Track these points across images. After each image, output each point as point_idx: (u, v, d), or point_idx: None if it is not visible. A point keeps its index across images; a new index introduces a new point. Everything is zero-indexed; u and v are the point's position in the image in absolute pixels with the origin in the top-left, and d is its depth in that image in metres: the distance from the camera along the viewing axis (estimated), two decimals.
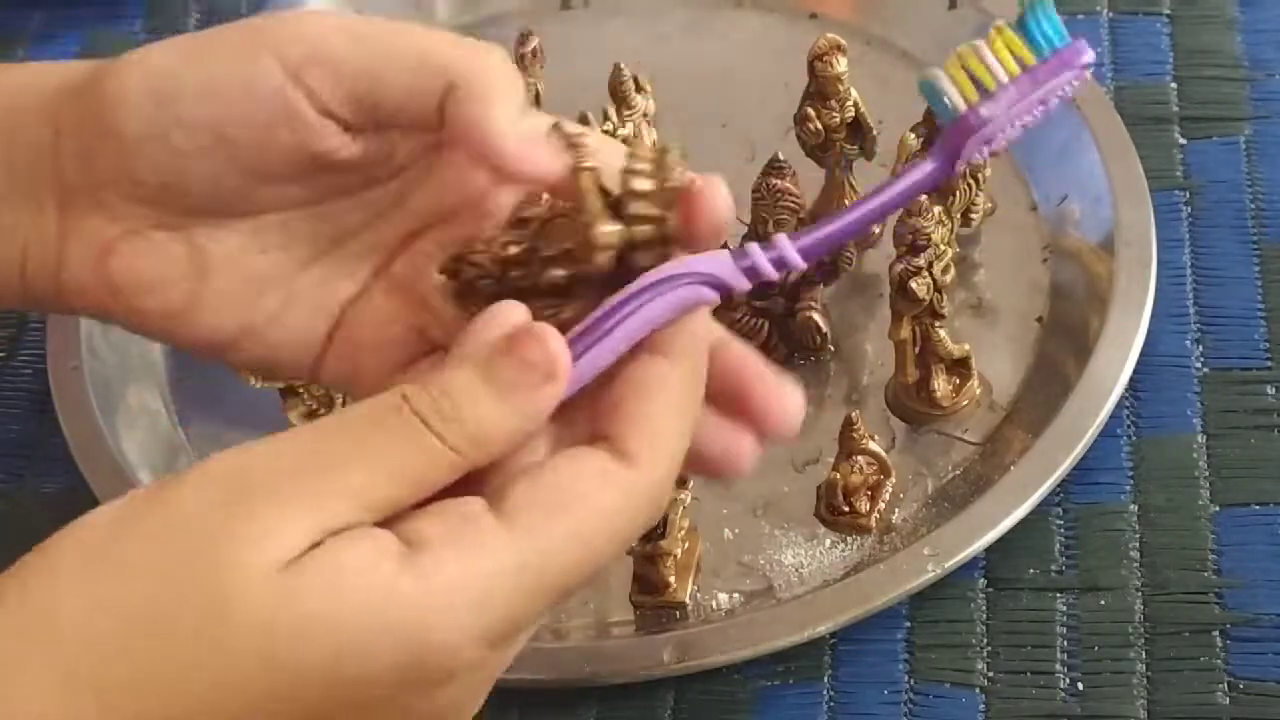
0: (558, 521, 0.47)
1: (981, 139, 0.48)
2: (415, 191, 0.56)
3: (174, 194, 0.55)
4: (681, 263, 0.47)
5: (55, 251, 0.56)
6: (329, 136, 0.54)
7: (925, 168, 0.49)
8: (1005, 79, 0.48)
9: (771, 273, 0.47)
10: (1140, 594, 0.69)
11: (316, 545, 0.45)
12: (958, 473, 0.73)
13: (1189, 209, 0.82)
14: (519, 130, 0.52)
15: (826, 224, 0.48)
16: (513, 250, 0.50)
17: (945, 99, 0.48)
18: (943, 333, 0.74)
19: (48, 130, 0.56)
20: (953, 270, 0.75)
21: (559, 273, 0.49)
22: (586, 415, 0.49)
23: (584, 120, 0.77)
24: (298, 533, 0.45)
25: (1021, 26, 0.49)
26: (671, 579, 0.70)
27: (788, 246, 0.47)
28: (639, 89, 0.82)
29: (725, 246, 0.48)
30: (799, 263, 0.47)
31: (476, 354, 0.48)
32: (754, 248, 0.47)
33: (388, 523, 0.46)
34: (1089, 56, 0.49)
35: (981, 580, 0.70)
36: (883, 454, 0.72)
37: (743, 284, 0.47)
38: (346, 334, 0.56)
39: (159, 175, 0.55)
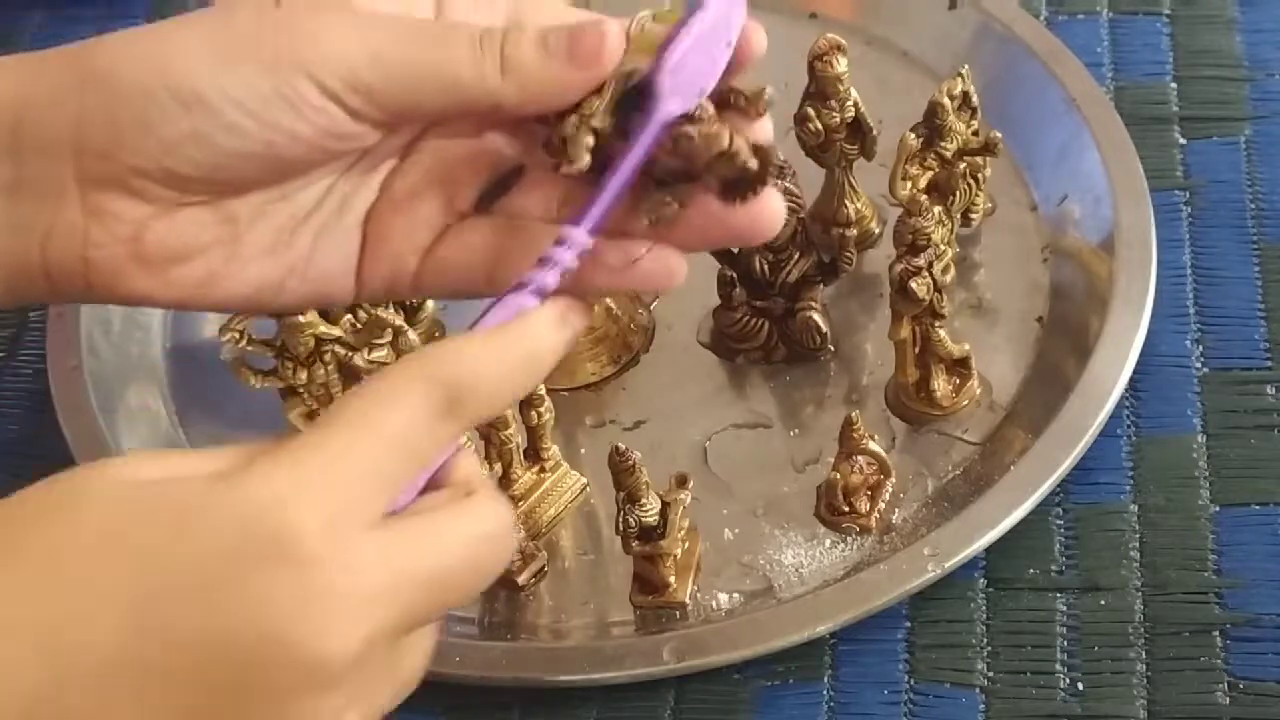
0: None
1: (670, 76, 0.52)
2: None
3: (211, 181, 0.56)
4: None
5: (81, 234, 0.56)
6: (368, 135, 0.56)
7: (649, 121, 0.53)
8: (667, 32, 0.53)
9: (572, 265, 0.52)
10: (1140, 594, 0.69)
11: None
12: (958, 473, 0.73)
13: (1189, 209, 0.82)
14: (563, 67, 0.54)
15: (598, 199, 0.53)
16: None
17: (633, 79, 0.53)
18: (943, 333, 0.74)
19: (61, 120, 0.56)
20: (953, 270, 0.75)
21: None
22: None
23: None
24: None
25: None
26: (671, 579, 0.70)
27: (577, 232, 0.52)
28: None
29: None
30: (587, 242, 0.52)
31: None
32: (554, 250, 0.52)
33: None
34: None
35: (981, 580, 0.70)
36: (883, 454, 0.72)
37: (553, 281, 0.52)
38: (377, 236, 0.58)
39: (200, 170, 0.55)
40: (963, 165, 0.79)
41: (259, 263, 0.57)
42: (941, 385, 0.75)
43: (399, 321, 0.75)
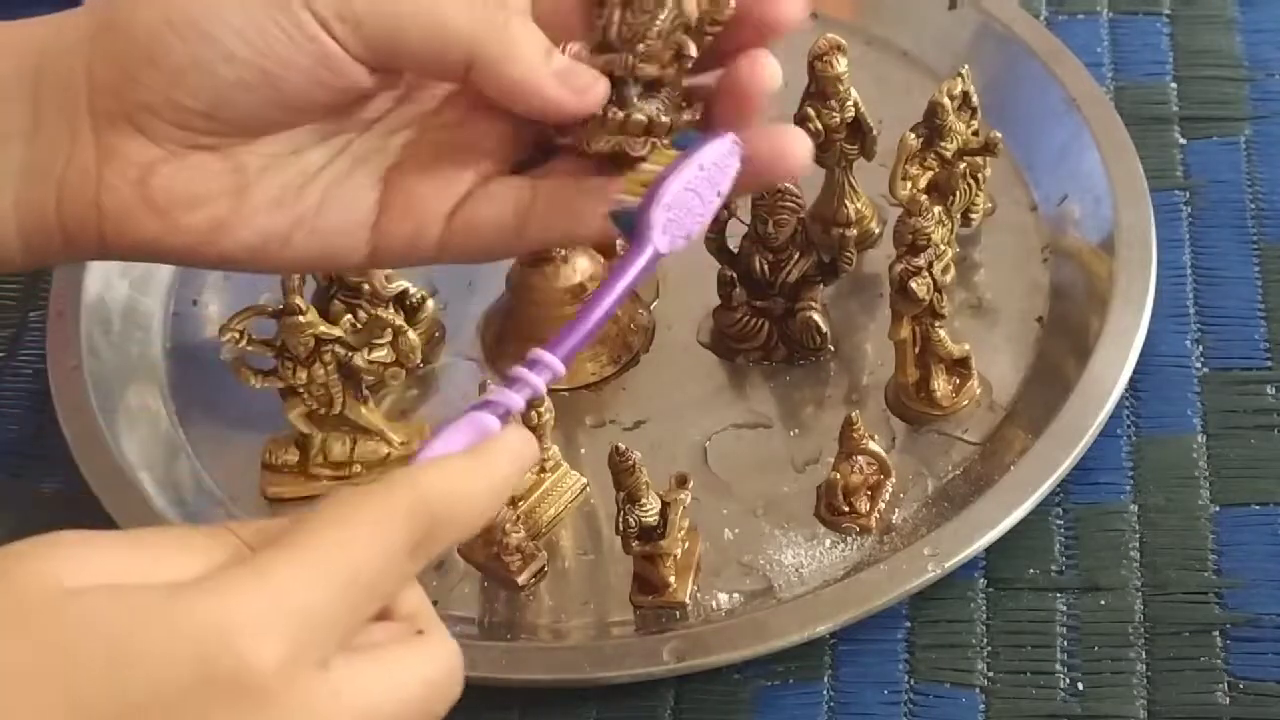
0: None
1: (664, 211, 0.54)
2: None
3: (214, 120, 0.57)
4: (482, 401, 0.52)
5: (94, 179, 0.58)
6: (362, 76, 0.57)
7: (636, 254, 0.54)
8: (662, 172, 0.55)
9: (542, 390, 0.52)
10: (1140, 594, 0.69)
11: None
12: (958, 473, 0.73)
13: (1189, 209, 0.82)
14: (551, 76, 0.56)
15: (575, 328, 0.53)
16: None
17: (622, 210, 0.54)
18: (943, 333, 0.74)
19: (78, 64, 0.57)
20: (953, 270, 0.75)
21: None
22: None
23: None
24: None
25: (675, 144, 0.56)
26: (671, 579, 0.70)
27: (550, 359, 0.52)
28: None
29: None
30: (560, 370, 0.52)
31: None
32: (522, 371, 0.52)
33: None
34: (730, 140, 0.56)
35: (981, 580, 0.70)
36: (883, 454, 0.72)
37: (519, 404, 0.52)
38: (400, 195, 0.58)
39: (203, 103, 0.57)
40: (963, 165, 0.79)
41: (266, 213, 0.58)
42: (941, 385, 0.75)
43: (399, 321, 0.75)
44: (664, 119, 0.56)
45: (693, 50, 0.56)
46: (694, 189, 0.54)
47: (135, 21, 0.57)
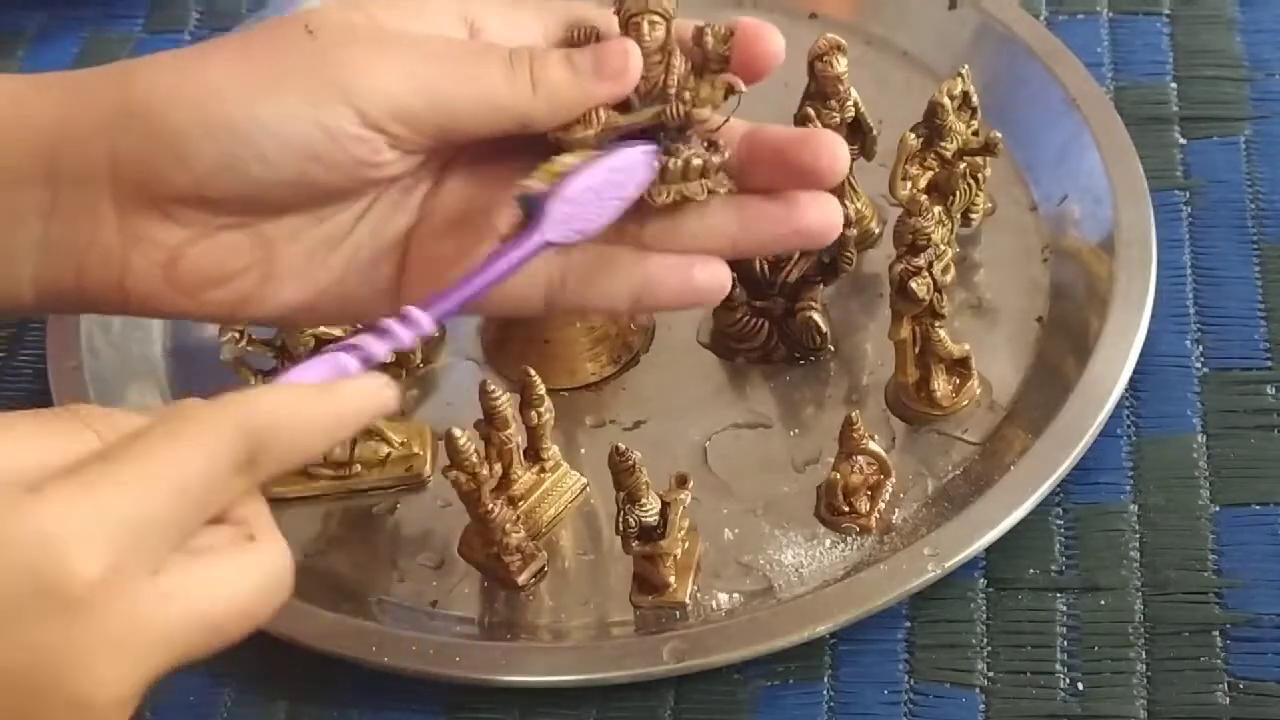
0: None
1: (563, 204, 0.55)
2: None
3: (244, 205, 0.57)
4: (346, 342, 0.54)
5: (119, 260, 0.57)
6: (403, 160, 0.57)
7: (526, 238, 0.56)
8: (574, 166, 0.56)
9: (406, 342, 0.54)
10: (1140, 594, 0.69)
11: None
12: (958, 473, 0.73)
13: (1189, 209, 0.82)
14: (592, 94, 0.57)
15: (452, 293, 0.55)
16: None
17: (527, 195, 0.56)
18: (943, 333, 0.74)
19: (98, 152, 0.56)
20: (953, 270, 0.75)
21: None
22: None
23: None
24: None
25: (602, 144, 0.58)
26: (671, 579, 0.70)
27: (420, 314, 0.54)
28: None
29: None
30: (429, 327, 0.54)
31: None
32: (391, 323, 0.54)
33: None
34: (644, 151, 0.57)
35: (981, 580, 0.70)
36: (883, 454, 0.72)
37: (381, 352, 0.53)
38: (422, 259, 0.59)
39: (232, 194, 0.56)
40: (963, 165, 0.79)
41: (292, 284, 0.59)
42: (941, 385, 0.75)
43: None
44: (714, 159, 0.58)
45: (742, 86, 0.58)
46: (598, 190, 0.56)
47: (165, 119, 0.55)
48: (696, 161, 0.57)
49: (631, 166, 0.57)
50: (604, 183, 0.56)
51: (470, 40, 0.58)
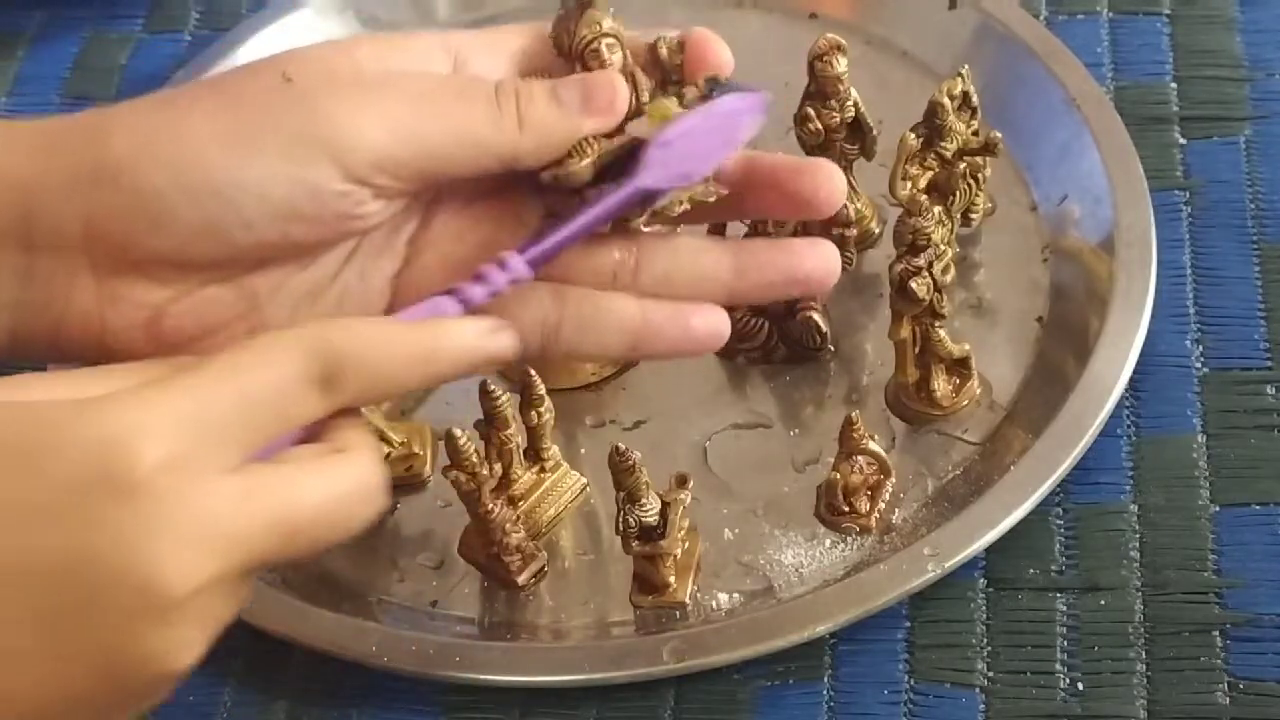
0: None
1: (660, 149, 0.55)
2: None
3: (227, 266, 0.56)
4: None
5: (97, 320, 0.56)
6: (387, 208, 0.57)
7: (628, 186, 0.56)
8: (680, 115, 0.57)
9: (503, 286, 0.55)
10: (1140, 594, 0.69)
11: None
12: (958, 473, 0.73)
13: (1189, 209, 0.82)
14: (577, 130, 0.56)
15: (546, 237, 0.55)
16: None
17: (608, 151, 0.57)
18: (943, 333, 0.74)
19: (71, 213, 0.55)
20: (953, 270, 0.75)
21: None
22: None
23: None
24: None
25: (708, 92, 0.58)
26: (671, 579, 0.70)
27: (517, 260, 0.55)
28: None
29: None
30: (527, 273, 0.55)
31: None
32: (489, 269, 0.55)
33: None
34: (759, 100, 0.57)
35: (981, 580, 0.70)
36: (883, 454, 0.72)
37: (480, 296, 0.54)
38: (411, 297, 0.58)
39: (214, 257, 0.56)
40: (963, 165, 0.79)
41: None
42: (941, 385, 0.75)
43: None
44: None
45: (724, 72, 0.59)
46: (701, 137, 0.56)
47: (142, 181, 0.54)
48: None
49: (737, 113, 0.56)
50: (707, 129, 0.56)
51: (454, 76, 0.58)
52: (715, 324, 0.59)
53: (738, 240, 0.59)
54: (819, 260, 0.59)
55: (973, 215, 0.81)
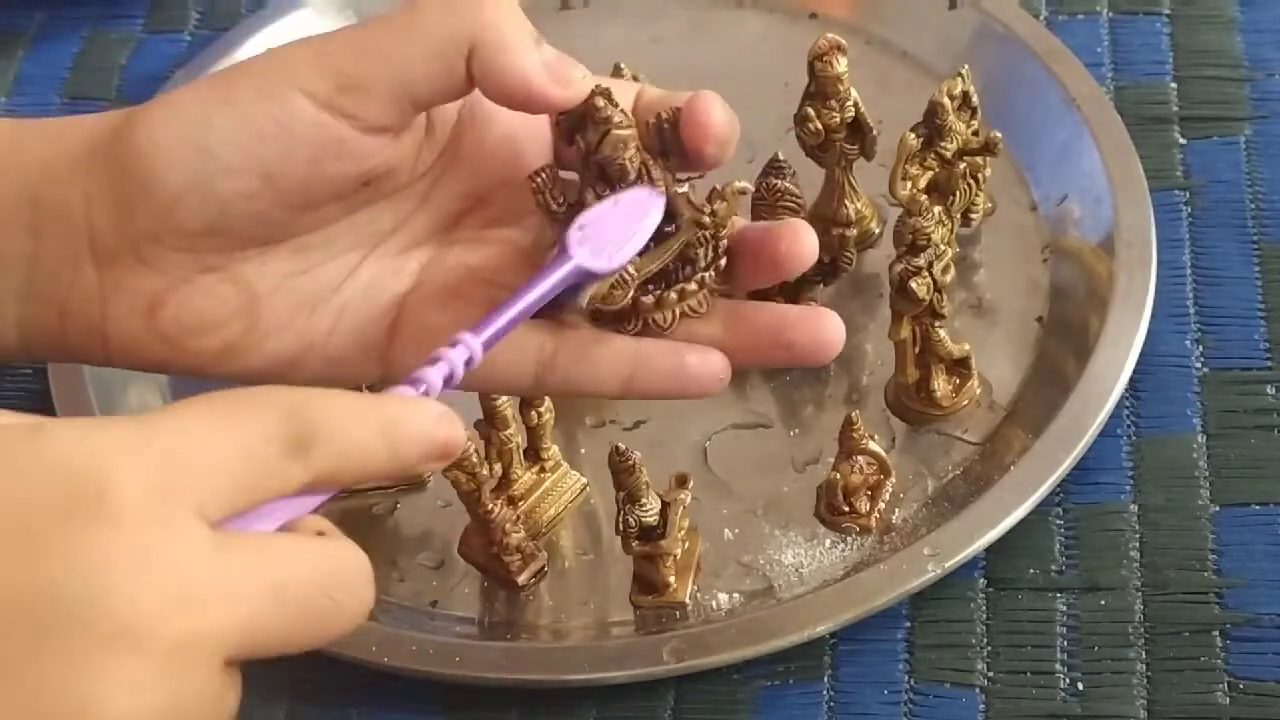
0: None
1: (576, 230, 0.56)
2: (438, 188, 0.59)
3: (218, 236, 0.56)
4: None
5: (99, 309, 0.57)
6: (376, 151, 0.56)
7: (559, 263, 0.56)
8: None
9: (459, 370, 0.54)
10: (1140, 594, 0.69)
11: None
12: (958, 473, 0.73)
13: (1189, 209, 0.82)
14: (541, 65, 0.55)
15: (495, 316, 0.55)
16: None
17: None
18: (943, 333, 0.74)
19: (74, 196, 0.56)
20: (953, 270, 0.75)
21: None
22: None
23: (616, 71, 0.78)
24: None
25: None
26: (671, 579, 0.70)
27: (471, 340, 0.54)
28: None
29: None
30: (479, 353, 0.54)
31: None
32: (443, 351, 0.54)
33: None
34: (649, 192, 0.58)
35: (981, 580, 0.70)
36: (883, 454, 0.72)
37: (438, 380, 0.53)
38: (415, 326, 0.58)
39: (203, 221, 0.55)
40: (963, 165, 0.79)
41: (277, 337, 0.58)
42: (941, 385, 0.75)
43: None
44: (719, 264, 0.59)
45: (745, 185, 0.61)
46: (612, 219, 0.57)
47: (125, 148, 0.55)
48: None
49: (639, 200, 0.57)
50: (615, 213, 0.57)
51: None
52: (712, 364, 0.58)
53: (728, 303, 0.59)
54: (814, 330, 0.58)
55: (973, 215, 0.81)
